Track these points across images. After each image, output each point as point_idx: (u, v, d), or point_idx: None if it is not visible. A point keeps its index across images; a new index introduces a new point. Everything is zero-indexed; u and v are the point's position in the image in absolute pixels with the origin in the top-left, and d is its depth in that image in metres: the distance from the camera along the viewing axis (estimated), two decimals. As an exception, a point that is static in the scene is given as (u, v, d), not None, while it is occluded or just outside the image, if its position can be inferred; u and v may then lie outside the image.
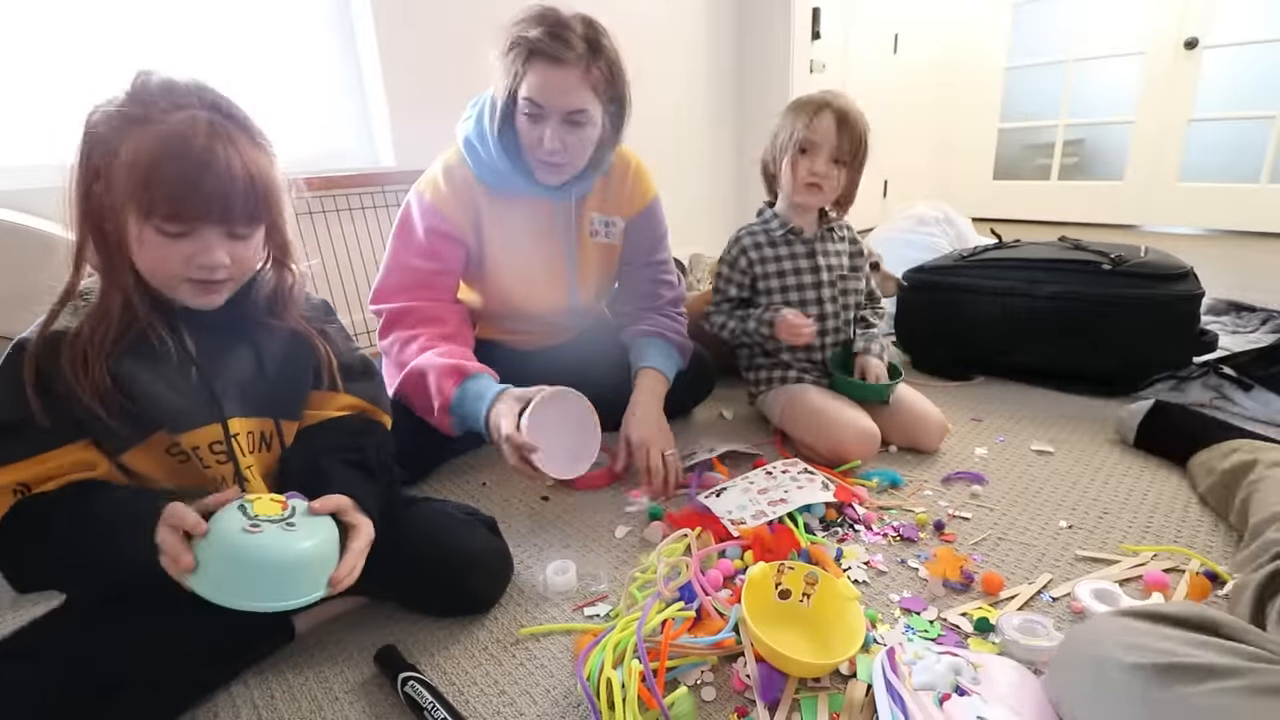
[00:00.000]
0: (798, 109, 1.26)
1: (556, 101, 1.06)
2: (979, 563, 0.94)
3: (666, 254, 1.38)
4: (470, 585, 0.88)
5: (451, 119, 1.21)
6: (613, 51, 1.09)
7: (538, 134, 1.08)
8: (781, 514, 1.00)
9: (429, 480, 1.26)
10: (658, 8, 2.61)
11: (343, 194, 1.79)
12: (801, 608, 0.80)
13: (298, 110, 1.82)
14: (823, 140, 1.22)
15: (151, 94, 0.65)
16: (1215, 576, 0.87)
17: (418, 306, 1.17)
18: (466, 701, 0.75)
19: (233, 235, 0.69)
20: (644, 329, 1.33)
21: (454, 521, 0.91)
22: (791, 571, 0.81)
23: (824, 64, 3.08)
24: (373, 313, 1.20)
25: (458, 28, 1.96)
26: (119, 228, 0.65)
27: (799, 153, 1.24)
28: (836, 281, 1.34)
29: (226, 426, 0.73)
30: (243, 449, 0.75)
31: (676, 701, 0.68)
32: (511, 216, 1.21)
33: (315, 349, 0.81)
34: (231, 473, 0.74)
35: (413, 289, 1.18)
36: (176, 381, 0.71)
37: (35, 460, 0.65)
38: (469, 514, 0.94)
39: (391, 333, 1.17)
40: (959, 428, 1.37)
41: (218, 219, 0.66)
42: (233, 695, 0.77)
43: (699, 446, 1.30)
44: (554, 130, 1.07)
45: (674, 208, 1.41)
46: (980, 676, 0.65)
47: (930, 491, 1.13)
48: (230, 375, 0.74)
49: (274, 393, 0.78)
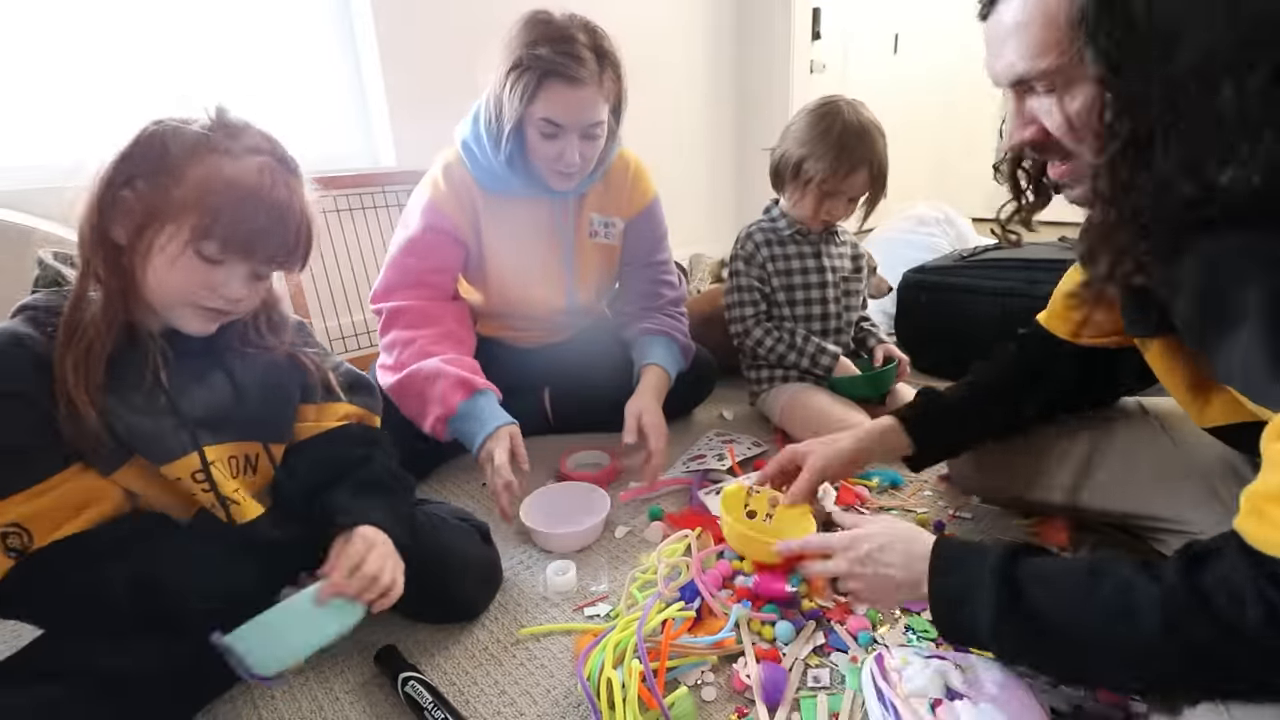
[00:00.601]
0: (836, 145, 1.19)
1: (576, 119, 1.06)
2: (979, 563, 0.94)
3: (666, 254, 1.38)
4: (461, 593, 0.87)
5: (451, 119, 1.21)
6: (617, 58, 1.09)
7: (555, 149, 1.08)
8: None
9: (428, 480, 1.26)
10: (658, 8, 2.61)
11: (343, 194, 1.78)
12: (764, 525, 0.94)
13: (298, 110, 1.81)
14: (850, 191, 1.23)
15: (231, 129, 0.67)
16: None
17: (416, 305, 1.17)
18: (467, 701, 0.75)
19: (258, 276, 0.70)
20: (648, 327, 1.33)
21: (446, 527, 0.90)
22: (758, 495, 0.96)
23: (824, 64, 3.08)
24: (373, 311, 1.20)
25: (458, 27, 1.96)
26: (141, 238, 0.64)
27: (823, 193, 1.23)
28: (840, 283, 1.34)
29: (203, 454, 0.70)
30: (224, 475, 0.72)
31: (676, 701, 0.68)
32: (509, 217, 1.21)
33: (301, 365, 0.80)
34: (215, 500, 0.72)
35: (412, 287, 1.18)
36: (147, 411, 0.68)
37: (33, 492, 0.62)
38: (462, 519, 0.94)
39: (391, 331, 1.16)
40: (959, 428, 1.37)
41: (261, 258, 0.68)
42: (233, 695, 0.77)
43: (707, 448, 1.30)
44: (574, 146, 1.08)
45: (674, 208, 1.41)
46: (968, 679, 0.66)
47: (930, 491, 1.13)
48: (200, 402, 0.71)
49: (256, 416, 0.76)
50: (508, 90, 1.05)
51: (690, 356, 1.37)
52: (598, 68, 1.05)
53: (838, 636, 0.79)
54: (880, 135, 1.22)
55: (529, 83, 1.03)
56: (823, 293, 1.32)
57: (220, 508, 0.71)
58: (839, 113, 1.20)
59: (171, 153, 0.64)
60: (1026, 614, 0.57)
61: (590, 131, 1.09)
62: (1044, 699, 0.65)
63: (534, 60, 1.02)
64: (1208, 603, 0.48)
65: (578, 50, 1.03)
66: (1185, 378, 0.72)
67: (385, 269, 1.20)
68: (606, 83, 1.07)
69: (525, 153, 1.12)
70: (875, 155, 1.20)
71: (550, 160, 1.10)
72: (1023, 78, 0.60)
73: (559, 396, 1.38)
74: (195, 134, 0.65)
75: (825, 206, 1.24)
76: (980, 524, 1.03)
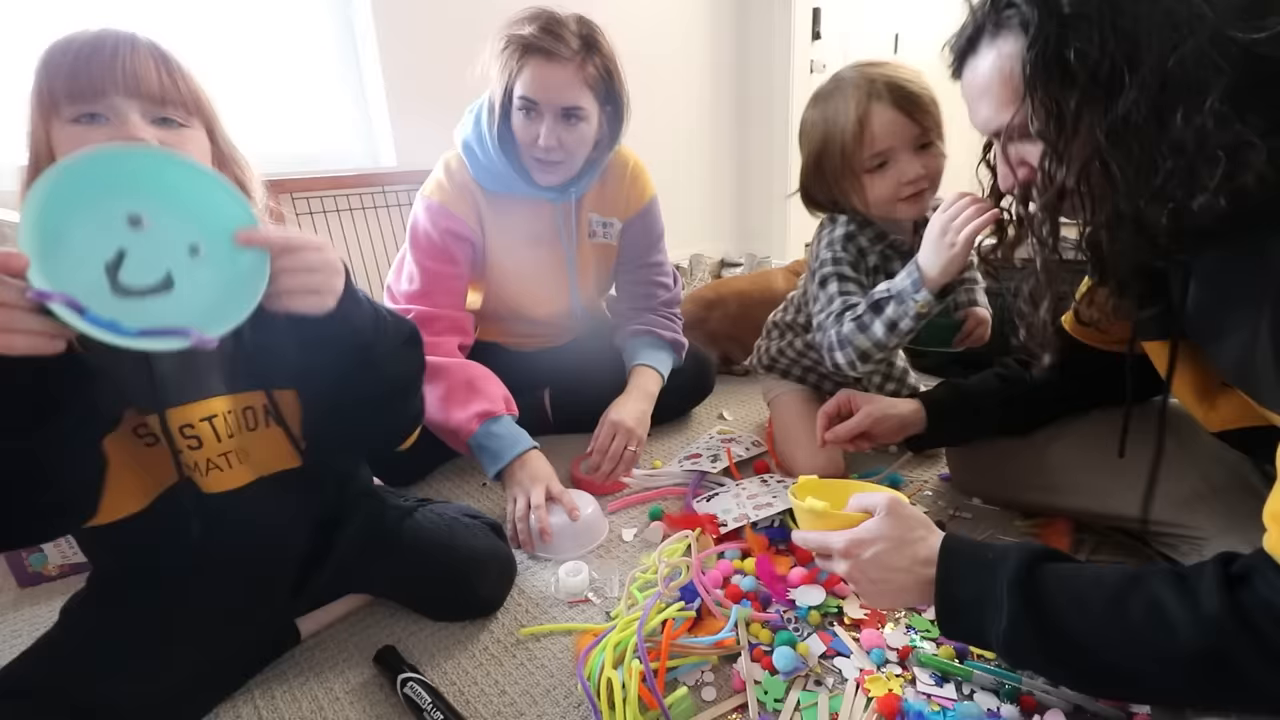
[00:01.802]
0: (841, 101, 0.95)
1: (551, 97, 1.06)
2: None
3: (662, 255, 1.38)
4: (476, 590, 0.87)
5: (451, 119, 1.21)
6: (609, 51, 1.09)
7: (533, 132, 1.08)
8: (761, 517, 1.00)
9: (428, 480, 1.26)
10: (658, 8, 2.61)
11: (343, 194, 1.79)
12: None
13: (298, 110, 1.82)
14: (896, 140, 0.93)
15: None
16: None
17: (438, 313, 1.16)
18: (467, 702, 0.75)
19: (157, 120, 0.62)
20: (635, 329, 1.33)
21: (458, 525, 0.91)
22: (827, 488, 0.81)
23: (824, 64, 3.08)
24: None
25: (458, 28, 1.96)
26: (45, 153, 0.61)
27: (874, 169, 0.95)
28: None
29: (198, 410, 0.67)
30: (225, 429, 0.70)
31: (676, 701, 0.68)
32: (511, 218, 1.21)
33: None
34: (205, 460, 0.70)
35: (432, 294, 1.17)
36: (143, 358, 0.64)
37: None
38: (472, 517, 0.94)
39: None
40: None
41: (125, 90, 0.60)
42: (234, 695, 0.77)
43: (704, 447, 1.30)
44: (550, 128, 1.07)
45: (674, 209, 1.41)
46: None
47: (931, 491, 1.13)
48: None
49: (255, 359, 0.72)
50: (496, 71, 1.07)
51: (683, 352, 1.37)
52: (580, 51, 1.05)
53: (840, 641, 0.79)
54: (889, 68, 0.95)
55: (510, 59, 1.05)
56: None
57: (199, 471, 0.70)
58: (834, 76, 1.00)
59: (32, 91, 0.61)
60: (1049, 630, 0.55)
61: (568, 114, 1.08)
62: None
63: (518, 39, 1.04)
64: (1250, 627, 0.47)
65: (561, 31, 1.04)
66: (1192, 381, 0.72)
67: (404, 277, 1.19)
68: (590, 69, 1.07)
69: (516, 144, 1.13)
70: (881, 80, 0.93)
71: (529, 144, 1.10)
72: (999, 130, 0.63)
73: (559, 396, 1.38)
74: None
75: (893, 179, 0.94)
76: (980, 524, 1.02)
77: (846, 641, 0.79)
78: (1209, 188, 0.49)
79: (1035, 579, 0.57)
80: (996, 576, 0.58)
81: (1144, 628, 0.52)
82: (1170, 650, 0.50)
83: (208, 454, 0.71)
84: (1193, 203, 0.51)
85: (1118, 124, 0.52)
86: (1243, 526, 0.71)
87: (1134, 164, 0.53)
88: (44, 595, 0.97)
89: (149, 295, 0.53)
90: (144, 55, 0.62)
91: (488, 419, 1.08)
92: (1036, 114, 0.57)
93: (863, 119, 0.93)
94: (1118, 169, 0.53)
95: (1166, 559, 0.86)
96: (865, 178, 0.97)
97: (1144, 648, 0.52)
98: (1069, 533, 0.94)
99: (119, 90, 0.60)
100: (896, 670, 0.74)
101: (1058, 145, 0.56)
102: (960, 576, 0.62)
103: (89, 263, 0.51)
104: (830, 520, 0.72)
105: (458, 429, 1.07)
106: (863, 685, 0.72)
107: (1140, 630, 0.52)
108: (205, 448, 0.70)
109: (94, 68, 0.59)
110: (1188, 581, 0.52)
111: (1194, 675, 0.50)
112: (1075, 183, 0.56)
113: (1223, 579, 0.50)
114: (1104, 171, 0.54)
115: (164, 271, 0.54)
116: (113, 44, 0.61)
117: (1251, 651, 0.47)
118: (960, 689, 0.71)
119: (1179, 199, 0.51)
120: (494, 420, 1.08)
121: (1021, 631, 0.56)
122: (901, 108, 0.92)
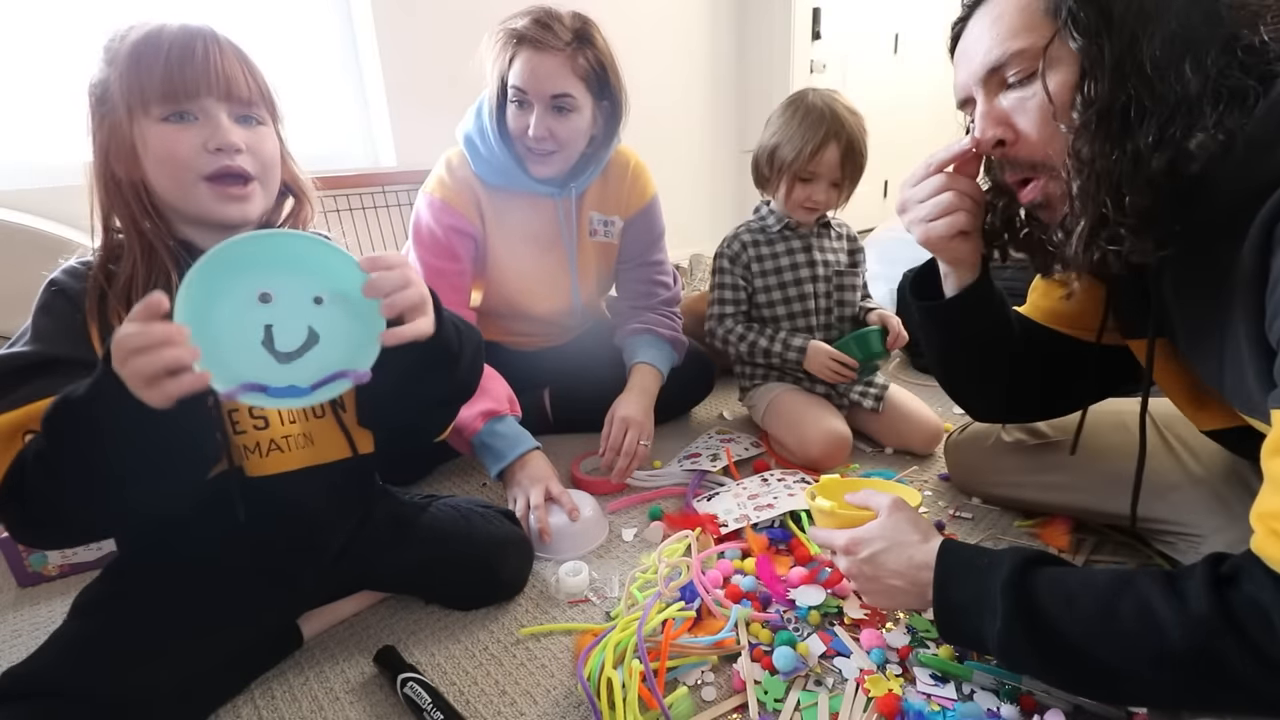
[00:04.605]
0: (802, 125, 1.19)
1: (540, 86, 1.07)
2: (979, 563, 0.93)
3: (663, 254, 1.38)
4: (498, 573, 0.90)
5: (451, 119, 1.22)
6: (604, 46, 1.10)
7: (525, 122, 1.10)
8: (762, 519, 1.00)
9: (428, 480, 1.26)
10: (658, 8, 2.61)
11: (343, 194, 1.79)
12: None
13: (298, 110, 1.82)
14: (825, 173, 1.20)
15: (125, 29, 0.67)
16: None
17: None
18: (467, 702, 0.75)
19: (241, 119, 0.68)
20: (634, 328, 1.33)
21: (474, 515, 0.93)
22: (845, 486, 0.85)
23: (824, 64, 3.08)
24: None
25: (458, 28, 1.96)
26: (126, 148, 0.64)
27: (797, 179, 1.22)
28: (832, 278, 1.32)
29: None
30: (289, 413, 0.74)
31: (676, 701, 0.68)
32: (512, 214, 1.21)
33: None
34: (268, 441, 0.72)
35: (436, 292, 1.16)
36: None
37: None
38: (484, 507, 0.96)
39: None
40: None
41: (218, 93, 0.65)
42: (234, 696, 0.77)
43: (703, 447, 1.30)
44: (539, 117, 1.08)
45: (674, 208, 1.41)
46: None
47: (930, 492, 1.13)
48: None
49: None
50: (490, 64, 1.09)
51: (683, 351, 1.37)
52: (572, 42, 1.07)
53: (840, 641, 0.79)
54: (851, 114, 1.20)
55: (503, 51, 1.08)
56: (812, 286, 1.30)
57: (257, 453, 0.71)
58: (804, 97, 1.22)
59: (105, 76, 0.65)
60: (1041, 631, 0.56)
61: (558, 104, 1.09)
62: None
63: (510, 31, 1.07)
64: (1237, 627, 0.48)
65: (552, 23, 1.06)
66: (1181, 382, 0.72)
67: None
68: (581, 61, 1.08)
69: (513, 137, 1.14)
70: (844, 130, 1.18)
71: (521, 134, 1.11)
72: (997, 64, 0.62)
73: (559, 396, 1.38)
74: (102, 55, 0.66)
75: (805, 193, 1.22)
76: (980, 524, 1.02)
77: (846, 641, 0.78)
78: (1206, 127, 0.52)
79: (1028, 582, 0.58)
80: (990, 580, 0.59)
81: (1134, 628, 0.52)
82: (1160, 651, 0.51)
83: (272, 435, 0.73)
84: (1190, 143, 0.52)
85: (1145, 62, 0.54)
86: (1238, 525, 0.71)
87: (1148, 104, 0.54)
88: (44, 595, 0.97)
89: (306, 352, 0.59)
90: (230, 57, 0.67)
91: (492, 418, 1.08)
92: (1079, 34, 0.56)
93: (816, 151, 1.18)
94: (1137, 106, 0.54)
95: (1165, 557, 0.87)
96: (793, 181, 1.23)
97: (1135, 649, 0.52)
98: (1068, 532, 0.94)
99: (211, 93, 0.65)
100: (896, 670, 0.74)
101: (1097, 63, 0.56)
102: (956, 581, 0.63)
103: (246, 346, 0.57)
104: (837, 518, 0.74)
105: (462, 426, 1.08)
106: (863, 685, 0.72)
107: (1131, 631, 0.52)
108: (270, 429, 0.73)
109: (188, 70, 0.64)
110: (1177, 582, 0.52)
111: (1184, 675, 0.51)
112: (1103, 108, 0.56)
113: (1211, 579, 0.51)
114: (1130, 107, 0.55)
115: (305, 328, 0.59)
116: (203, 45, 0.65)
117: (1240, 651, 0.48)
118: (960, 689, 0.71)
119: (1179, 144, 0.53)
120: (498, 419, 1.09)
121: (1015, 634, 0.57)
122: (845, 153, 1.19)
